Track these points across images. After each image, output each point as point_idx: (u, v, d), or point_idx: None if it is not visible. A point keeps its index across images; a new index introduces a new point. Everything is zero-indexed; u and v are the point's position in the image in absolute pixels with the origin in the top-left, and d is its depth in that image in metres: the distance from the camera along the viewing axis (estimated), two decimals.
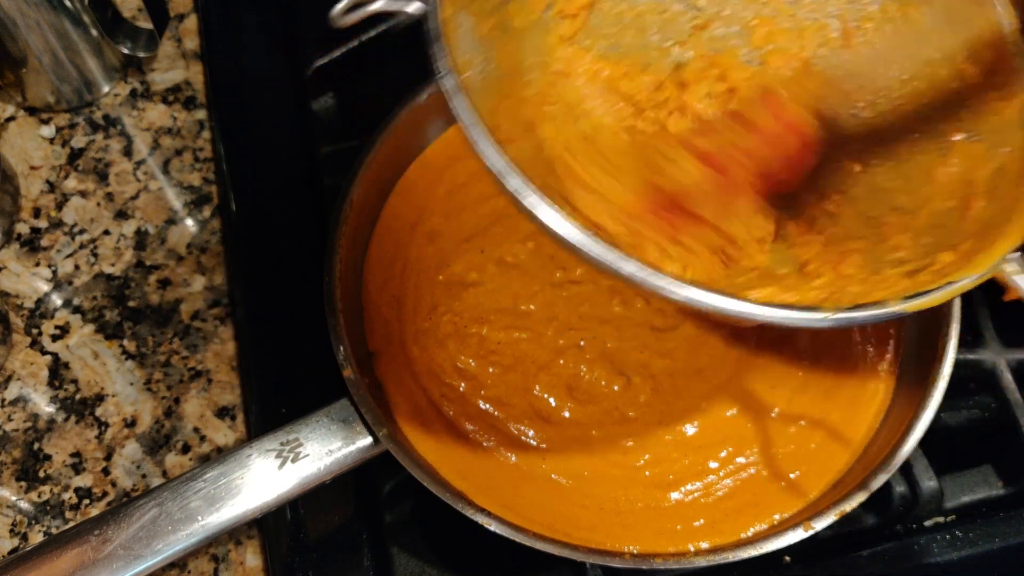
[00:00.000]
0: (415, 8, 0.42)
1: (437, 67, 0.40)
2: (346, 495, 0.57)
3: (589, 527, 0.52)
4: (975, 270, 0.40)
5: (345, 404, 0.51)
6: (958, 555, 0.55)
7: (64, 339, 0.64)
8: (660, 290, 0.38)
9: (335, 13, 0.42)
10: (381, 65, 0.69)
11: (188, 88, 0.74)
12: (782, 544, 0.48)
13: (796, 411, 0.55)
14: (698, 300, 0.38)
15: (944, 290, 0.39)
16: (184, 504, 0.46)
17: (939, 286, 0.39)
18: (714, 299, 0.38)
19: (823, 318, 0.38)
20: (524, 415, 0.55)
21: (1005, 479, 0.58)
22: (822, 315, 0.38)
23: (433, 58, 0.40)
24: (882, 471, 0.49)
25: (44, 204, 0.69)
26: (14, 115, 0.72)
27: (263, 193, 0.68)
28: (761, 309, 0.38)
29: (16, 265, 0.66)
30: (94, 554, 0.45)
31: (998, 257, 0.40)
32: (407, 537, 0.55)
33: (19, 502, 0.58)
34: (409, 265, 0.59)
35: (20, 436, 0.60)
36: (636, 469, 0.53)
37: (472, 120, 0.39)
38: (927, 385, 0.51)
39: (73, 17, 0.66)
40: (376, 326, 0.58)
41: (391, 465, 0.49)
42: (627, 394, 0.55)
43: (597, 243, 0.37)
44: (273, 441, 0.49)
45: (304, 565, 0.55)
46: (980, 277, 0.40)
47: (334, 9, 0.42)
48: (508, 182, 0.37)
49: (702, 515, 0.52)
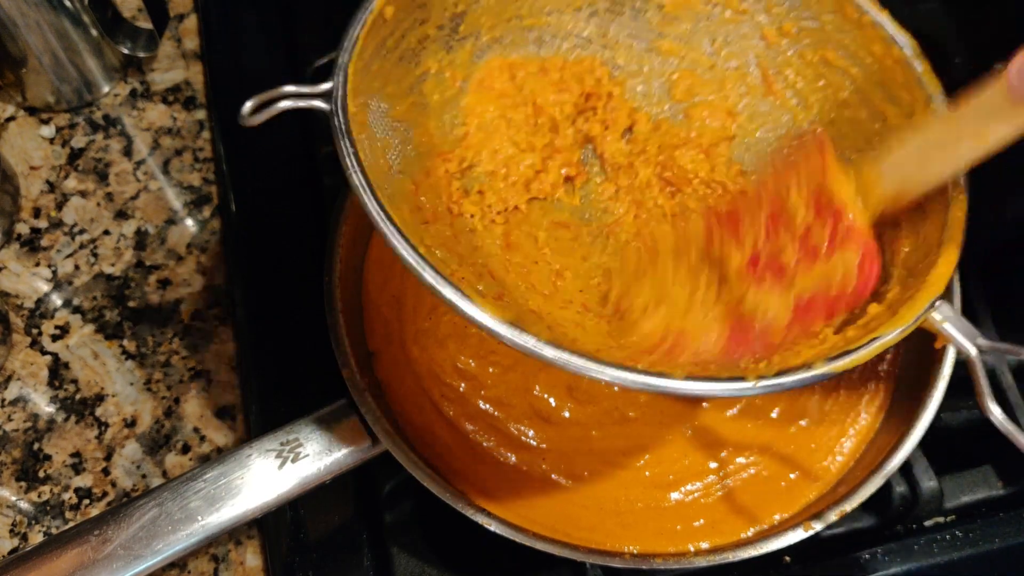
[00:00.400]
0: (319, 104, 0.43)
1: (344, 163, 0.41)
2: (346, 495, 0.57)
3: (589, 527, 0.52)
4: (901, 322, 0.40)
5: (345, 404, 0.51)
6: (958, 555, 0.55)
7: (64, 339, 0.64)
8: (584, 371, 0.38)
9: (244, 113, 0.43)
10: None
11: (188, 88, 0.74)
12: (782, 544, 0.48)
13: (796, 411, 0.55)
14: (622, 379, 0.38)
15: (869, 347, 0.40)
16: (184, 504, 0.46)
17: (864, 343, 0.40)
18: (638, 378, 0.38)
19: (750, 387, 0.38)
20: (524, 415, 0.55)
21: (1005, 479, 0.58)
22: (749, 384, 0.39)
23: (340, 155, 0.41)
24: (882, 471, 0.49)
25: (44, 204, 0.69)
26: (14, 115, 0.72)
27: (263, 193, 0.68)
28: (686, 384, 0.38)
29: (16, 265, 0.66)
30: (94, 554, 0.45)
31: (923, 307, 0.41)
32: (407, 537, 0.55)
33: (19, 502, 0.58)
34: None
35: (20, 436, 0.60)
36: (636, 469, 0.53)
37: (382, 218, 0.40)
38: (927, 385, 0.51)
39: (73, 17, 0.66)
40: (376, 326, 0.58)
41: (391, 465, 0.49)
42: (627, 395, 0.55)
43: (514, 331, 0.38)
44: (273, 441, 0.49)
45: (304, 565, 0.55)
46: (905, 329, 0.40)
47: (243, 109, 0.43)
48: (423, 276, 0.39)
49: (702, 515, 0.52)
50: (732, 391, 0.39)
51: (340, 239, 0.55)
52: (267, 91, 0.43)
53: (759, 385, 0.39)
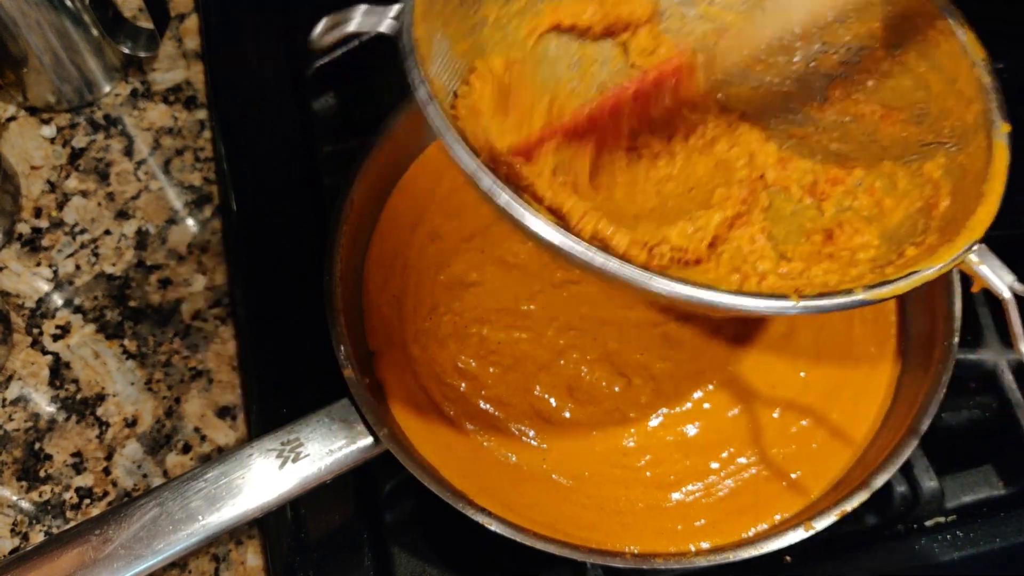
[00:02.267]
0: (388, 27, 0.44)
1: (411, 78, 0.41)
2: (346, 495, 0.57)
3: (590, 527, 0.52)
4: (939, 260, 0.41)
5: (345, 404, 0.51)
6: (959, 555, 0.55)
7: (65, 339, 0.64)
8: (630, 280, 0.38)
9: (315, 35, 0.43)
10: (381, 65, 0.69)
11: (189, 88, 0.74)
12: (783, 544, 0.48)
13: (797, 411, 0.55)
14: (669, 290, 0.39)
15: (908, 279, 0.40)
16: (185, 504, 0.46)
17: (903, 275, 0.40)
18: (684, 289, 0.39)
19: (791, 306, 0.39)
20: (525, 415, 0.55)
21: (1006, 479, 0.58)
22: (790, 303, 0.39)
23: (407, 70, 0.41)
24: (883, 471, 0.49)
25: (45, 204, 0.69)
26: (15, 115, 0.72)
27: (263, 193, 0.68)
28: (730, 297, 0.39)
29: (17, 265, 0.66)
30: (95, 554, 0.45)
31: (961, 249, 0.41)
32: (407, 537, 0.55)
33: (20, 502, 0.58)
34: (409, 265, 0.59)
35: (21, 436, 0.60)
36: (637, 470, 0.53)
37: (445, 127, 0.40)
38: (928, 385, 0.51)
39: (74, 17, 0.66)
40: (376, 326, 0.58)
41: (391, 465, 0.49)
42: (628, 395, 0.55)
43: (567, 237, 0.38)
44: (274, 441, 0.49)
45: (305, 565, 0.55)
46: (944, 267, 0.41)
47: (314, 31, 0.43)
48: (481, 182, 0.39)
49: (703, 515, 0.52)
50: (774, 308, 0.39)
51: (340, 239, 0.55)
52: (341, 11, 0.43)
53: (800, 304, 0.39)
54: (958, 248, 0.41)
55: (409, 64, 0.42)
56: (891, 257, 0.45)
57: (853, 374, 0.56)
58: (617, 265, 0.38)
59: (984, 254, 0.42)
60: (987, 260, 0.42)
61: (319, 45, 0.44)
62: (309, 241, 0.61)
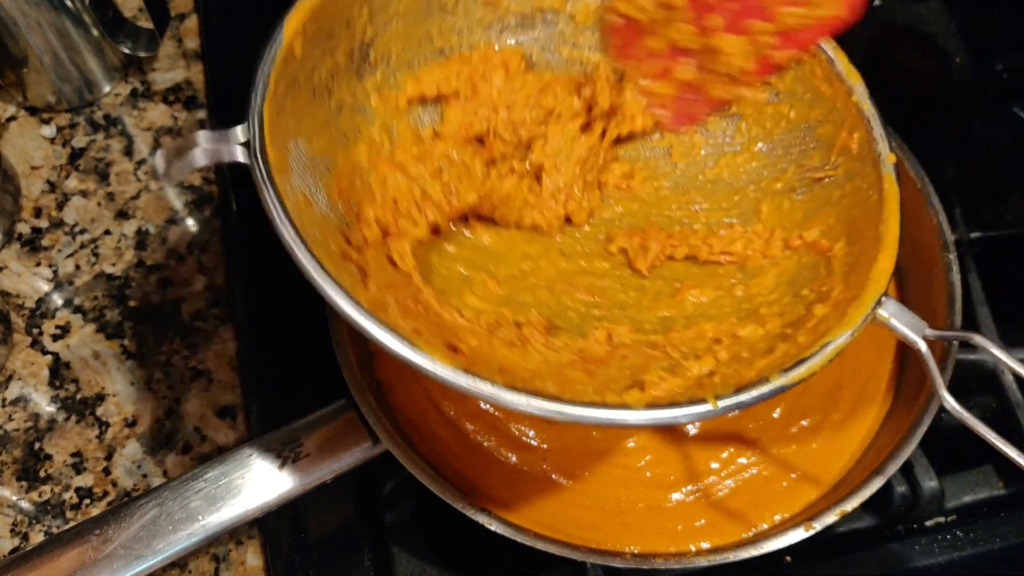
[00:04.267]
0: (238, 154, 0.41)
1: (271, 216, 0.39)
2: (346, 495, 0.57)
3: (590, 527, 0.52)
4: (850, 324, 0.40)
5: (345, 404, 0.51)
6: (959, 555, 0.55)
7: (65, 339, 0.64)
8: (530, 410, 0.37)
9: (160, 173, 0.41)
10: None
11: (189, 88, 0.74)
12: (783, 544, 0.48)
13: (798, 412, 0.55)
14: (576, 416, 0.38)
15: (822, 353, 0.40)
16: (185, 504, 0.46)
17: (816, 351, 0.40)
18: (594, 413, 0.38)
19: (710, 409, 0.38)
20: (525, 415, 0.55)
21: (1006, 479, 0.58)
22: (708, 407, 0.38)
23: (265, 208, 0.39)
24: (883, 471, 0.49)
25: (45, 204, 0.69)
26: (15, 115, 0.72)
27: None
28: (646, 415, 0.38)
29: (17, 265, 0.66)
30: (95, 554, 0.45)
31: (869, 305, 0.41)
32: (407, 537, 0.55)
33: (20, 502, 0.58)
34: None
35: (21, 436, 0.60)
36: (637, 470, 0.53)
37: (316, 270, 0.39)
38: (928, 385, 0.51)
39: (74, 17, 0.66)
40: None
41: (391, 465, 0.49)
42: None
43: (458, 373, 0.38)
44: (274, 441, 0.49)
45: (305, 565, 0.55)
46: (856, 330, 0.40)
47: (157, 168, 0.41)
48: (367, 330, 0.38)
49: (703, 515, 0.52)
50: (693, 415, 0.39)
51: None
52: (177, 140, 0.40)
53: (720, 406, 0.38)
54: (867, 305, 0.41)
55: (267, 201, 0.39)
56: (799, 311, 0.44)
57: (853, 375, 0.56)
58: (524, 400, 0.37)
59: (892, 305, 0.41)
60: (896, 312, 0.41)
61: (171, 183, 0.42)
62: None
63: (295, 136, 0.44)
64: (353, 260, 0.44)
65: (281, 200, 0.40)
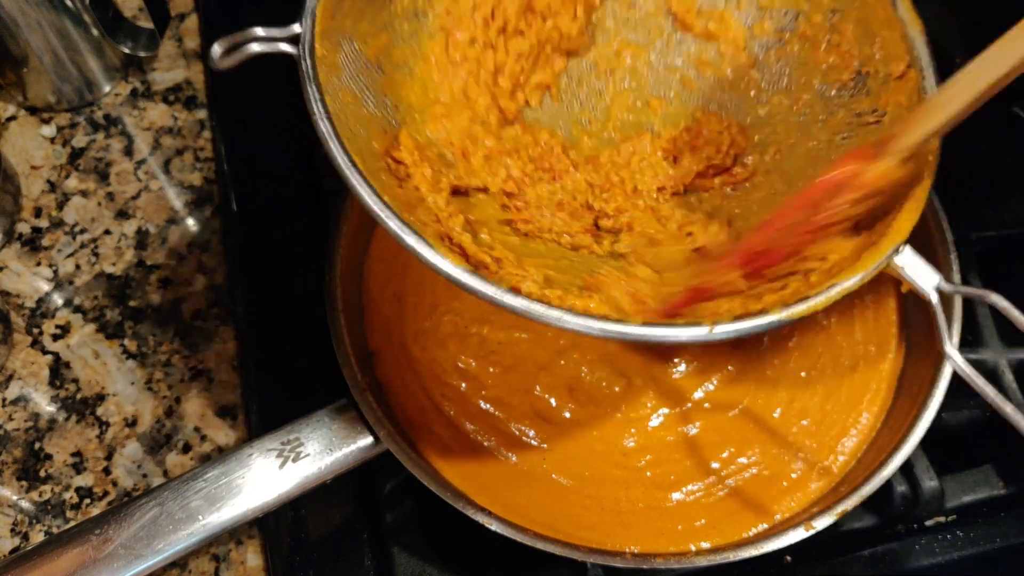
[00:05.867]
0: (288, 47, 0.43)
1: (310, 109, 0.41)
2: (347, 495, 0.57)
3: (590, 527, 0.52)
4: (862, 268, 0.40)
5: (345, 404, 0.51)
6: (959, 555, 0.55)
7: (65, 339, 0.64)
8: (543, 319, 0.38)
9: (214, 57, 0.43)
10: None
11: (189, 88, 0.74)
12: (783, 544, 0.48)
13: (798, 411, 0.55)
14: (581, 326, 0.38)
15: (827, 293, 0.39)
16: (185, 503, 0.46)
17: (822, 290, 0.39)
18: (596, 325, 0.38)
19: (705, 332, 0.38)
20: (525, 415, 0.55)
21: (1006, 479, 0.58)
22: (704, 329, 0.38)
23: (307, 100, 0.41)
24: (883, 471, 0.49)
25: (45, 204, 0.69)
26: (15, 115, 0.72)
27: (263, 193, 0.68)
28: (643, 330, 0.38)
29: (17, 265, 0.66)
30: (95, 553, 0.45)
31: (885, 253, 0.40)
32: (408, 537, 0.55)
33: (20, 501, 0.58)
34: (410, 264, 0.59)
35: (21, 436, 0.60)
36: (637, 470, 0.53)
37: (346, 163, 0.40)
38: (928, 385, 0.51)
39: (74, 17, 0.66)
40: (377, 325, 0.58)
41: (392, 465, 0.49)
42: (628, 395, 0.55)
43: (475, 278, 0.39)
44: (274, 440, 0.49)
45: (305, 565, 0.55)
46: (866, 275, 0.40)
47: (213, 52, 0.42)
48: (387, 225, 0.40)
49: (703, 515, 0.52)
50: (688, 336, 0.39)
51: (341, 238, 0.55)
52: (235, 33, 0.43)
53: (715, 331, 0.38)
54: (882, 252, 0.40)
55: (308, 94, 0.41)
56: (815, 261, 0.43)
57: (853, 374, 0.56)
58: (525, 303, 0.38)
59: (908, 256, 0.41)
60: (911, 262, 0.41)
61: (219, 67, 0.43)
62: (309, 241, 0.61)
63: (351, 36, 0.45)
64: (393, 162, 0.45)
65: (322, 95, 0.41)
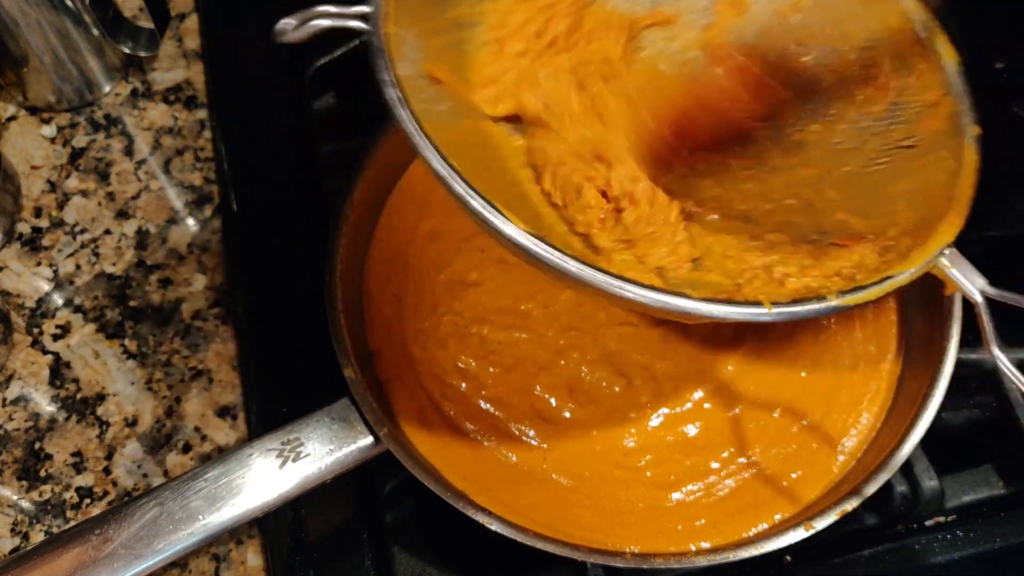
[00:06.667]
0: (360, 23, 0.43)
1: (380, 78, 0.41)
2: (347, 495, 0.57)
3: (590, 527, 0.52)
4: (911, 265, 0.41)
5: (346, 404, 0.51)
6: (959, 555, 0.55)
7: (65, 338, 0.64)
8: (604, 286, 0.38)
9: (287, 29, 0.43)
10: None
11: (189, 88, 0.74)
12: (783, 544, 0.48)
13: (798, 411, 0.55)
14: (642, 297, 0.38)
15: (880, 285, 0.40)
16: (185, 503, 0.46)
17: (876, 281, 0.40)
18: (656, 296, 0.39)
19: (764, 312, 0.39)
20: (525, 415, 0.55)
21: (1006, 479, 0.58)
22: (763, 310, 0.39)
23: (376, 70, 0.41)
24: (883, 471, 0.49)
25: (45, 204, 0.69)
26: (15, 115, 0.72)
27: (264, 193, 0.68)
28: (702, 305, 0.39)
29: (17, 264, 0.66)
30: (95, 553, 0.45)
31: (933, 252, 0.42)
32: (408, 537, 0.55)
33: (20, 501, 0.59)
34: (410, 264, 0.59)
35: (21, 435, 0.60)
36: (637, 470, 0.53)
37: (415, 129, 0.40)
38: (928, 385, 0.51)
39: (74, 17, 0.66)
40: (377, 325, 0.58)
41: (392, 465, 0.49)
42: (628, 395, 0.55)
43: (539, 244, 0.38)
44: (274, 440, 0.49)
45: (305, 564, 0.55)
46: (916, 271, 0.41)
47: (284, 25, 0.43)
48: (452, 187, 0.40)
49: (703, 515, 0.52)
50: (747, 315, 0.39)
51: (340, 239, 0.55)
52: (307, 9, 0.43)
53: (774, 311, 0.39)
54: (930, 251, 0.41)
55: (377, 63, 0.41)
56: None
57: (854, 374, 0.56)
58: (590, 272, 0.38)
59: (955, 257, 0.42)
60: (958, 264, 0.42)
61: (285, 40, 0.44)
62: (309, 241, 0.61)
63: (414, 30, 0.45)
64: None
65: (392, 64, 0.41)
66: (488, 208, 0.39)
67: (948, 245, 0.42)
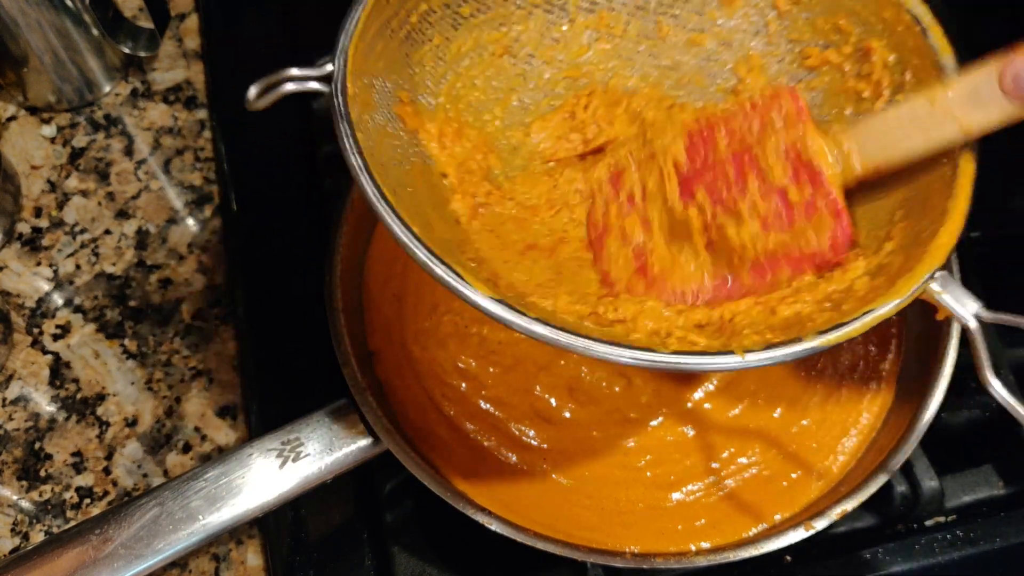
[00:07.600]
0: (321, 88, 0.43)
1: (342, 145, 0.41)
2: (347, 495, 0.57)
3: (590, 527, 0.52)
4: (897, 295, 0.39)
5: (346, 404, 0.51)
6: (959, 555, 0.55)
7: (65, 338, 0.64)
8: (572, 348, 0.38)
9: (250, 98, 0.44)
10: None
11: (189, 88, 0.74)
12: (783, 544, 0.48)
13: (798, 411, 0.55)
14: (611, 355, 0.38)
15: (862, 320, 0.38)
16: (185, 503, 0.46)
17: (856, 316, 0.38)
18: (627, 353, 0.38)
19: (739, 361, 0.38)
20: (525, 415, 0.55)
21: (1006, 479, 0.58)
22: (737, 358, 0.38)
23: (338, 136, 0.42)
24: (883, 471, 0.49)
25: (45, 203, 0.69)
26: (15, 115, 0.72)
27: (263, 193, 0.68)
28: (675, 359, 0.38)
29: (17, 264, 0.66)
30: (95, 553, 0.45)
31: (920, 280, 0.39)
32: (408, 537, 0.55)
33: (20, 501, 0.59)
34: (410, 264, 0.59)
35: (21, 435, 0.60)
36: (638, 470, 0.53)
37: (377, 197, 0.41)
38: (928, 385, 0.51)
39: (74, 16, 0.66)
40: (377, 325, 0.58)
41: (392, 465, 0.49)
42: (628, 395, 0.55)
43: (506, 309, 0.39)
44: (274, 440, 0.49)
45: (305, 564, 0.55)
46: (901, 302, 0.39)
47: (249, 94, 0.44)
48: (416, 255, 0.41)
49: (703, 515, 0.52)
50: (722, 365, 0.38)
51: (341, 238, 0.55)
52: (270, 75, 0.44)
53: (748, 359, 0.38)
54: (917, 279, 0.39)
55: (341, 129, 0.42)
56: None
57: (854, 374, 0.56)
58: (555, 334, 0.38)
59: (946, 281, 0.40)
60: (949, 287, 0.40)
61: (255, 108, 0.44)
62: (309, 241, 0.61)
63: (383, 76, 0.45)
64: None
65: (354, 132, 0.42)
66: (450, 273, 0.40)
67: (938, 268, 0.39)
